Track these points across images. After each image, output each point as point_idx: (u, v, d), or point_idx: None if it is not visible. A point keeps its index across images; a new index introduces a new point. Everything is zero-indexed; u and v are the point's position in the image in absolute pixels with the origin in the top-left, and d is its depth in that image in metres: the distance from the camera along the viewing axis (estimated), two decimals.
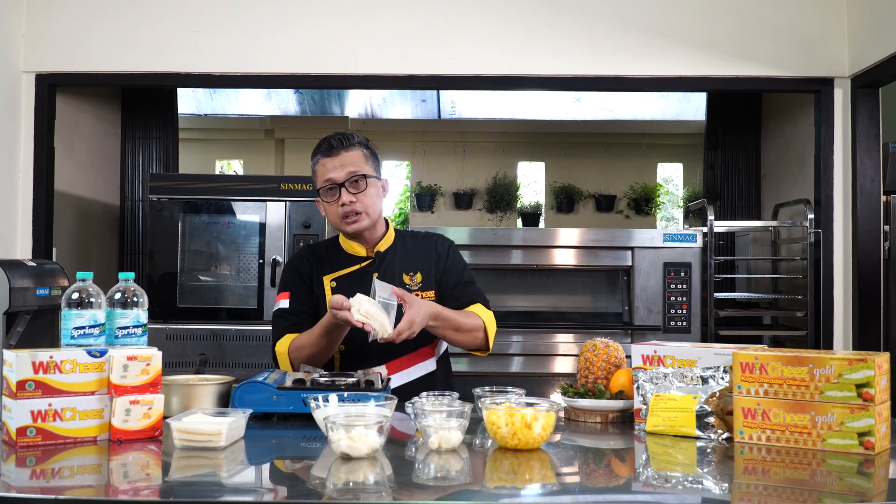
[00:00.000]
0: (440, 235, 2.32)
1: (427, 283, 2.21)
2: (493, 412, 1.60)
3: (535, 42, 3.80)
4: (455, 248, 2.31)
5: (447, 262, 2.24)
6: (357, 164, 2.14)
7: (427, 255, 2.25)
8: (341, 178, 2.12)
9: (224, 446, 1.54)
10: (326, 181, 2.14)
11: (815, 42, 3.78)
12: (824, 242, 3.80)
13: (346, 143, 2.16)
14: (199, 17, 3.82)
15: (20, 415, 1.56)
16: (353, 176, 2.12)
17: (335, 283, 2.19)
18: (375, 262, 2.22)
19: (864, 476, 1.46)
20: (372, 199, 2.15)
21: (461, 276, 2.25)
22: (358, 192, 2.13)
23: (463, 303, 2.21)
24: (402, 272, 2.20)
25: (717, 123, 5.02)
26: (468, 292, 2.23)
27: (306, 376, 1.90)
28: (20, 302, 3.07)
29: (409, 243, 2.27)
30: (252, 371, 3.63)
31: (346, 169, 2.13)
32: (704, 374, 1.74)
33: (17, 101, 3.79)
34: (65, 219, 4.10)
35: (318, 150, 2.19)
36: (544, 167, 6.02)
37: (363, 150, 2.18)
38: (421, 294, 2.17)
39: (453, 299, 2.20)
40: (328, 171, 2.14)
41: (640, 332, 4.04)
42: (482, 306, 2.23)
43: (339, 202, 2.12)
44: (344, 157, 2.14)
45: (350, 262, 2.21)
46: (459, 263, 2.28)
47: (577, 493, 1.38)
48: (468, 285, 2.25)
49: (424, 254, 2.25)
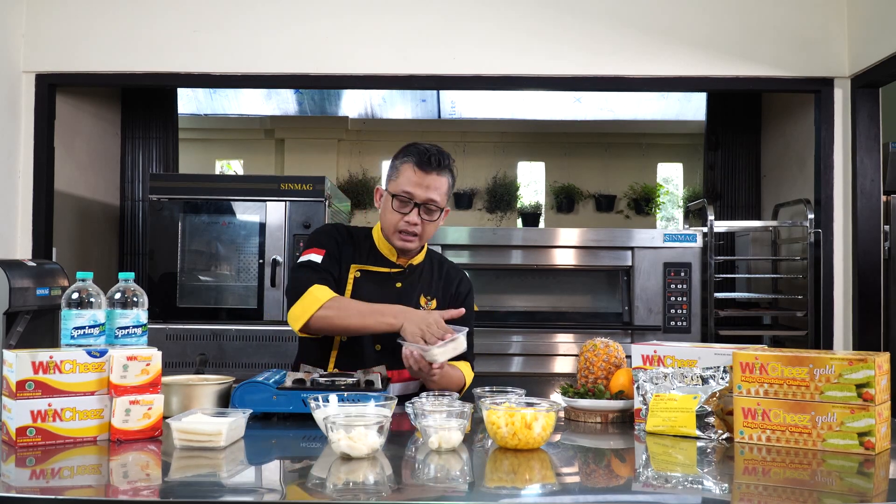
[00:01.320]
0: (465, 275, 2.33)
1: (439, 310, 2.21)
2: (493, 412, 1.60)
3: (535, 42, 3.80)
4: (472, 294, 2.32)
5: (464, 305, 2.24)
6: (440, 193, 2.14)
7: (447, 287, 2.26)
8: (421, 200, 2.11)
9: (224, 446, 1.54)
10: (406, 193, 2.11)
11: (815, 42, 3.78)
12: (824, 242, 3.80)
13: (441, 166, 2.13)
14: (199, 17, 3.82)
15: (20, 415, 1.56)
16: (432, 203, 2.13)
17: (360, 273, 2.18)
18: (404, 274, 2.22)
19: (865, 476, 1.46)
20: (433, 229, 2.18)
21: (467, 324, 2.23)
22: (427, 220, 2.14)
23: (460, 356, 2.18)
24: (422, 293, 2.22)
25: (717, 123, 5.02)
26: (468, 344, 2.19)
27: (306, 376, 1.90)
28: (20, 302, 3.07)
29: (436, 268, 2.29)
30: (252, 371, 3.63)
31: (429, 193, 2.11)
32: (704, 375, 1.74)
33: (17, 101, 3.79)
34: (65, 219, 4.10)
35: (411, 154, 2.14)
36: (544, 167, 6.02)
37: (449, 179, 2.17)
38: None
39: None
40: (412, 184, 2.11)
41: (640, 332, 4.04)
42: (469, 366, 2.24)
43: (406, 218, 2.12)
44: (432, 179, 2.12)
45: (380, 263, 2.21)
46: (471, 311, 2.28)
47: (577, 493, 1.37)
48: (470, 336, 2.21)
49: (446, 285, 2.26)
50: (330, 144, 5.92)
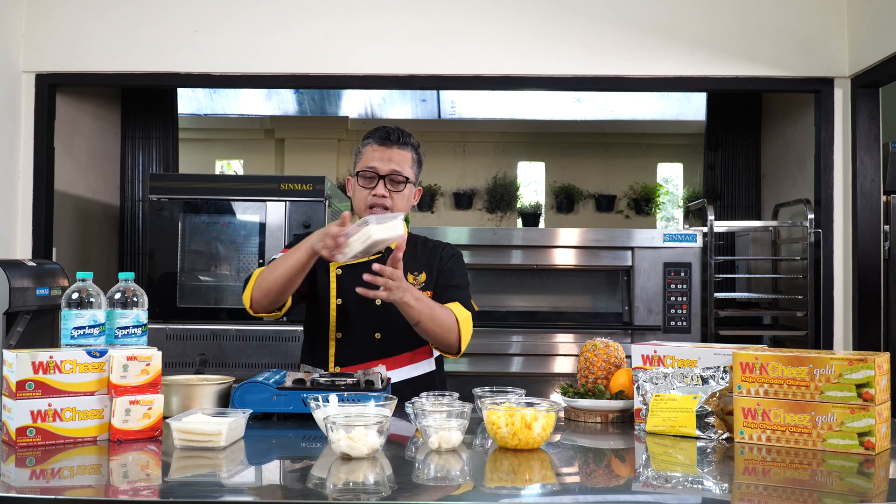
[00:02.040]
0: (452, 246, 2.35)
1: (428, 284, 2.24)
2: (493, 412, 1.60)
3: (536, 42, 3.80)
4: (459, 257, 2.32)
5: (446, 264, 2.27)
6: (403, 165, 2.19)
7: (432, 259, 2.28)
8: (384, 171, 2.16)
9: (224, 446, 1.54)
10: (370, 168, 2.17)
11: (815, 42, 3.78)
12: (824, 242, 3.80)
13: (400, 140, 2.20)
14: (199, 16, 3.82)
15: (20, 415, 1.56)
16: (395, 173, 2.17)
17: (341, 270, 2.21)
18: (385, 257, 2.21)
19: (865, 476, 1.46)
20: (402, 201, 2.20)
21: (452, 280, 2.26)
22: (394, 191, 2.17)
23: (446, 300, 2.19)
24: (408, 272, 2.21)
25: (717, 123, 5.02)
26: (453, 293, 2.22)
27: (306, 376, 1.90)
28: (20, 302, 3.07)
29: (420, 247, 2.31)
30: (252, 371, 3.63)
31: (391, 164, 2.17)
32: (704, 375, 1.74)
33: (17, 101, 3.79)
34: (65, 219, 4.10)
35: (372, 135, 2.23)
36: (544, 167, 6.02)
37: (413, 154, 2.23)
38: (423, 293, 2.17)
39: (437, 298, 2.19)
40: (374, 159, 2.18)
41: (640, 332, 4.04)
42: (461, 306, 2.19)
43: (373, 192, 2.16)
44: (394, 153, 2.18)
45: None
46: (457, 269, 2.28)
47: (577, 493, 1.37)
48: (456, 289, 2.24)
49: (430, 258, 2.28)
50: (330, 144, 5.92)
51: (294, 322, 3.80)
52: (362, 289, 1.93)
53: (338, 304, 2.20)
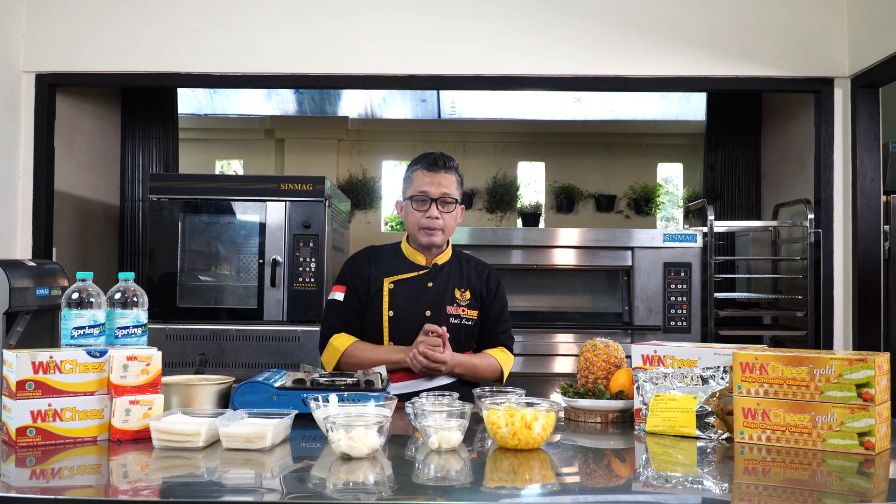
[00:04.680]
0: (493, 268, 2.53)
1: (473, 302, 2.42)
2: (493, 412, 1.60)
3: (535, 42, 3.80)
4: (503, 287, 2.52)
5: (496, 296, 2.47)
6: (451, 188, 2.38)
7: (479, 280, 2.46)
8: (436, 195, 2.35)
9: (202, 447, 1.54)
10: (422, 193, 2.35)
11: (815, 42, 3.78)
12: (824, 242, 3.80)
13: (446, 165, 2.38)
14: (199, 17, 3.82)
15: (20, 415, 1.56)
16: (446, 197, 2.36)
17: (393, 285, 2.38)
18: (432, 273, 2.40)
19: (865, 476, 1.46)
20: (452, 221, 2.40)
21: (501, 315, 2.48)
22: (444, 212, 2.36)
23: (493, 341, 2.45)
24: (455, 286, 2.41)
25: (717, 123, 5.01)
26: (501, 331, 2.47)
27: (306, 376, 1.90)
28: (20, 302, 3.07)
29: (464, 263, 2.49)
30: (252, 371, 3.63)
31: (441, 189, 2.36)
32: (704, 375, 1.74)
33: (17, 101, 3.79)
34: (65, 219, 4.10)
35: (419, 162, 2.40)
36: (544, 167, 6.02)
37: (456, 176, 2.41)
38: (466, 310, 2.40)
39: (489, 334, 2.45)
40: (425, 184, 2.36)
41: (640, 332, 4.04)
42: (506, 350, 2.46)
43: (427, 214, 2.34)
44: (442, 177, 2.36)
45: (409, 269, 2.40)
46: (504, 301, 2.50)
47: (577, 493, 1.37)
48: (504, 324, 2.49)
49: (477, 278, 2.46)
50: (330, 144, 5.92)
51: (294, 322, 3.80)
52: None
53: (390, 315, 2.35)
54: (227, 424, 1.57)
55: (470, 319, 2.39)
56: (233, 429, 1.55)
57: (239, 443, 1.54)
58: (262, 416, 1.66)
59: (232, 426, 1.56)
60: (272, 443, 1.56)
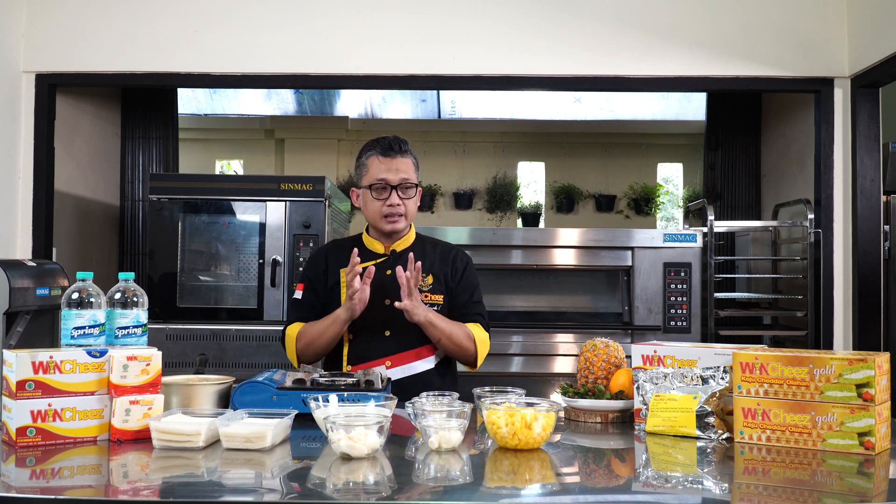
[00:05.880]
0: (461, 250, 2.45)
1: (437, 287, 2.34)
2: (493, 412, 1.60)
3: (535, 42, 3.80)
4: (472, 266, 2.43)
5: (462, 277, 2.38)
6: (409, 172, 2.32)
7: (444, 263, 2.38)
8: (395, 181, 2.28)
9: (202, 447, 1.54)
10: (380, 180, 2.28)
11: (815, 42, 3.78)
12: (824, 242, 3.80)
13: (401, 149, 2.31)
14: (199, 16, 3.82)
15: (20, 415, 1.56)
16: (405, 182, 2.30)
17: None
18: (391, 260, 2.34)
19: (865, 476, 1.46)
20: (413, 206, 2.35)
21: (472, 295, 2.39)
22: (405, 198, 2.30)
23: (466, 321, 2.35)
24: None
25: (717, 123, 5.01)
26: (473, 312, 2.38)
27: (306, 376, 1.90)
28: (20, 302, 3.07)
29: (428, 248, 2.41)
30: (252, 371, 3.63)
31: (400, 174, 2.29)
32: (704, 375, 1.74)
33: (17, 101, 3.79)
34: (65, 219, 4.10)
35: (372, 148, 2.33)
36: (544, 167, 6.02)
37: (412, 159, 2.35)
38: (430, 296, 2.32)
39: (460, 315, 2.35)
40: (383, 171, 2.29)
41: (640, 332, 4.04)
42: (480, 327, 2.37)
43: (388, 202, 2.28)
44: (399, 162, 2.30)
45: (367, 258, 2.33)
46: (473, 281, 2.41)
47: (577, 493, 1.37)
48: (476, 304, 2.40)
49: (441, 261, 2.38)
50: (330, 144, 5.92)
51: None
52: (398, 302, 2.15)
53: None
54: (227, 424, 1.57)
55: (435, 304, 2.30)
56: (233, 429, 1.55)
57: (239, 443, 1.54)
58: (262, 416, 1.65)
59: (232, 426, 1.56)
60: (272, 443, 1.56)
